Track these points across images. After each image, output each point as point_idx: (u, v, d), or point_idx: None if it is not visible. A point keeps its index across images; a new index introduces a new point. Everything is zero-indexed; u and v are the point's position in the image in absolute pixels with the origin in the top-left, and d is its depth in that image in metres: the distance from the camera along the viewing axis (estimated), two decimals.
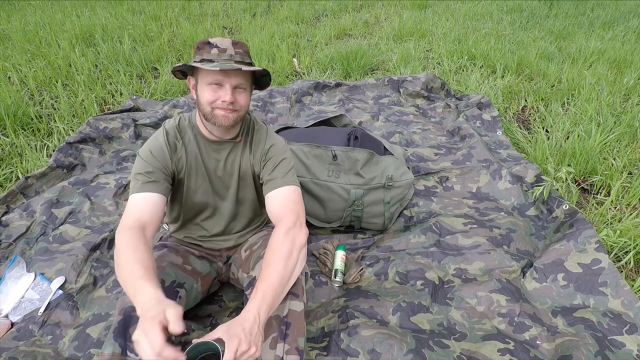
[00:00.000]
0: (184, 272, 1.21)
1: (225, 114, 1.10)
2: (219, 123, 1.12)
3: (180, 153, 1.20)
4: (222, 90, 1.08)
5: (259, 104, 2.93)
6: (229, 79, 1.07)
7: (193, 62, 1.08)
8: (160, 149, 1.16)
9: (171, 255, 1.24)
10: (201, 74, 1.09)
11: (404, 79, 3.09)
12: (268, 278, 0.98)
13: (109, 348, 0.96)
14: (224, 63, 1.05)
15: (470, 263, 1.58)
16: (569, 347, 1.24)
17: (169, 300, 0.86)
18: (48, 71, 3.29)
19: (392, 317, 1.38)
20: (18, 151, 2.39)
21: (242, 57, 1.10)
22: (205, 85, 1.09)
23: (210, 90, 1.08)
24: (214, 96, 1.08)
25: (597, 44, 4.00)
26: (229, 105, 1.09)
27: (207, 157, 1.23)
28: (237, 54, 1.10)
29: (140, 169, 1.12)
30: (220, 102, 1.08)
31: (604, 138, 2.34)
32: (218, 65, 1.03)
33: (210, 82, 1.08)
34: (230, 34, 4.67)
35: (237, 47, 1.10)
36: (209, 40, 1.09)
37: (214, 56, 1.07)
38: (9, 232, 1.77)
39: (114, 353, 0.95)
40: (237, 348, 0.83)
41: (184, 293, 1.17)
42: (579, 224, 1.60)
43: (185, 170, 1.21)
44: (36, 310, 1.44)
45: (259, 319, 0.91)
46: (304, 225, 1.13)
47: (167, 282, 1.11)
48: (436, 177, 2.11)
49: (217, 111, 1.10)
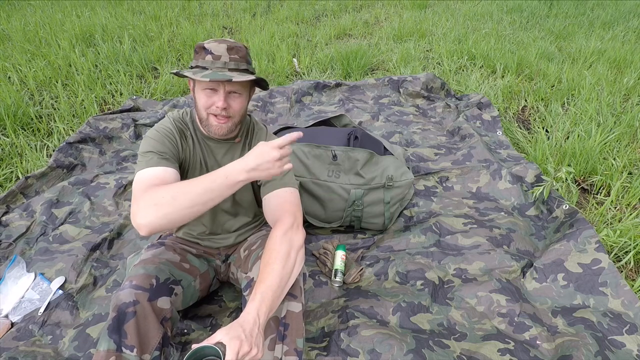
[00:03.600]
0: (180, 269, 1.21)
1: (218, 124, 1.12)
2: (212, 132, 1.15)
3: (189, 142, 1.21)
4: (216, 95, 1.09)
5: (259, 104, 2.93)
6: (223, 85, 1.08)
7: (185, 71, 1.09)
8: (171, 133, 1.15)
9: (168, 253, 1.24)
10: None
11: (404, 79, 3.09)
12: (267, 279, 0.98)
13: (104, 345, 0.96)
14: (215, 72, 1.05)
15: (470, 263, 1.58)
16: (569, 347, 1.24)
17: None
18: (48, 71, 3.30)
19: (392, 317, 1.38)
20: (18, 151, 2.39)
21: (236, 64, 1.10)
22: (200, 90, 1.10)
23: (205, 95, 1.10)
24: (208, 101, 1.10)
25: (597, 44, 4.00)
26: (222, 111, 1.10)
27: (207, 153, 1.24)
28: (232, 61, 1.09)
29: (151, 146, 1.08)
30: (215, 108, 1.10)
31: (604, 138, 2.34)
32: (208, 75, 1.03)
33: (205, 88, 1.09)
34: (230, 34, 4.67)
35: (232, 53, 1.09)
36: (204, 45, 1.09)
37: (208, 63, 1.08)
38: (9, 232, 1.77)
39: (109, 350, 0.95)
40: (238, 350, 0.83)
41: (180, 290, 1.16)
42: (579, 224, 1.60)
43: (191, 162, 1.22)
44: (36, 310, 1.44)
45: (258, 321, 0.91)
46: (301, 226, 1.13)
47: (162, 279, 1.10)
48: (436, 177, 2.11)
49: (211, 119, 1.12)
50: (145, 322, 1.01)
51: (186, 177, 1.23)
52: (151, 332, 1.01)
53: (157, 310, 1.04)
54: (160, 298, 1.06)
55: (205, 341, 0.85)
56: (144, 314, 1.01)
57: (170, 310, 1.09)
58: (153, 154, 1.06)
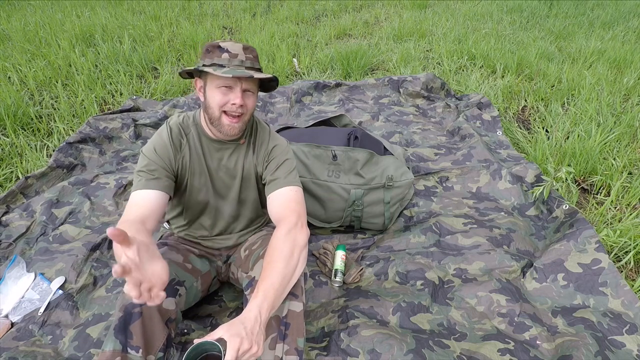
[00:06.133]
0: (184, 270, 1.21)
1: (231, 123, 1.12)
2: (224, 132, 1.14)
3: (184, 151, 1.20)
4: (232, 93, 1.09)
5: (259, 104, 2.93)
6: (240, 83, 1.09)
7: (204, 67, 1.09)
8: (164, 147, 1.16)
9: (172, 253, 1.24)
10: (210, 77, 1.10)
11: (404, 79, 3.09)
12: (269, 277, 0.98)
13: (110, 345, 0.96)
14: (235, 69, 1.07)
15: (470, 263, 1.58)
16: (569, 347, 1.24)
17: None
18: (48, 71, 3.30)
19: (392, 317, 1.38)
20: (18, 151, 2.39)
21: (252, 63, 1.12)
22: (215, 88, 1.10)
23: (220, 93, 1.09)
24: (224, 99, 1.10)
25: (597, 44, 4.00)
26: (238, 109, 1.10)
27: (210, 156, 1.23)
28: (248, 60, 1.11)
29: (142, 166, 1.13)
30: (230, 105, 1.10)
31: (604, 138, 2.34)
32: (230, 71, 1.04)
33: (220, 85, 1.09)
34: (230, 34, 4.67)
35: (247, 53, 1.11)
36: (219, 44, 1.10)
37: (225, 61, 1.08)
38: (9, 232, 1.77)
39: (114, 350, 0.95)
40: (239, 347, 0.82)
41: (184, 291, 1.17)
42: (579, 224, 1.60)
43: (189, 169, 1.22)
44: (36, 310, 1.44)
45: (260, 318, 0.91)
46: (305, 225, 1.13)
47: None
48: (436, 177, 2.11)
49: (224, 118, 1.12)
50: (151, 323, 1.01)
51: (188, 184, 1.23)
52: (156, 333, 1.02)
53: (163, 311, 1.05)
54: (166, 299, 1.06)
55: (206, 337, 0.85)
56: (150, 315, 1.01)
57: (175, 311, 1.09)
58: (144, 174, 1.11)
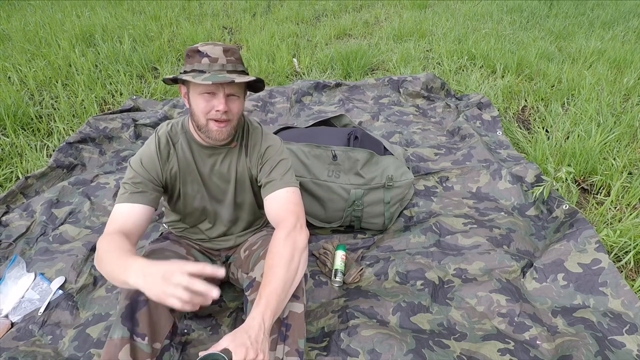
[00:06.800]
0: (187, 260, 1.21)
1: (219, 129, 1.09)
2: (213, 137, 1.12)
3: (172, 161, 1.18)
4: (216, 99, 1.06)
5: (259, 104, 2.93)
6: (222, 88, 1.05)
7: (183, 74, 1.06)
8: (151, 159, 1.15)
9: (174, 246, 1.24)
10: (192, 84, 1.07)
11: (404, 79, 3.09)
12: (271, 283, 0.98)
13: (118, 332, 0.96)
14: (215, 74, 1.03)
15: (470, 263, 1.58)
16: (569, 347, 1.24)
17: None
18: (48, 71, 3.30)
19: (392, 317, 1.38)
20: (18, 151, 2.39)
21: (234, 66, 1.08)
22: (197, 95, 1.07)
23: (204, 100, 1.06)
24: (207, 106, 1.07)
25: (597, 44, 4.00)
26: (222, 115, 1.07)
27: (202, 163, 1.21)
28: (229, 63, 1.07)
29: (128, 178, 1.13)
30: (215, 112, 1.07)
31: (604, 138, 2.34)
32: (210, 77, 1.01)
33: (203, 92, 1.06)
34: (230, 34, 4.67)
35: (228, 55, 1.07)
36: (198, 49, 1.06)
37: (205, 66, 1.05)
38: (9, 232, 1.77)
39: (122, 337, 0.95)
40: (244, 357, 0.82)
41: None
42: (579, 224, 1.60)
43: (179, 178, 1.20)
44: (36, 310, 1.44)
45: (264, 326, 0.90)
46: (304, 226, 1.12)
47: None
48: (436, 177, 2.11)
49: (211, 124, 1.09)
50: (157, 310, 1.02)
51: (181, 192, 1.22)
52: (162, 320, 1.02)
53: None
54: None
55: (211, 348, 0.84)
56: (156, 303, 1.00)
57: None
58: (128, 187, 1.11)
